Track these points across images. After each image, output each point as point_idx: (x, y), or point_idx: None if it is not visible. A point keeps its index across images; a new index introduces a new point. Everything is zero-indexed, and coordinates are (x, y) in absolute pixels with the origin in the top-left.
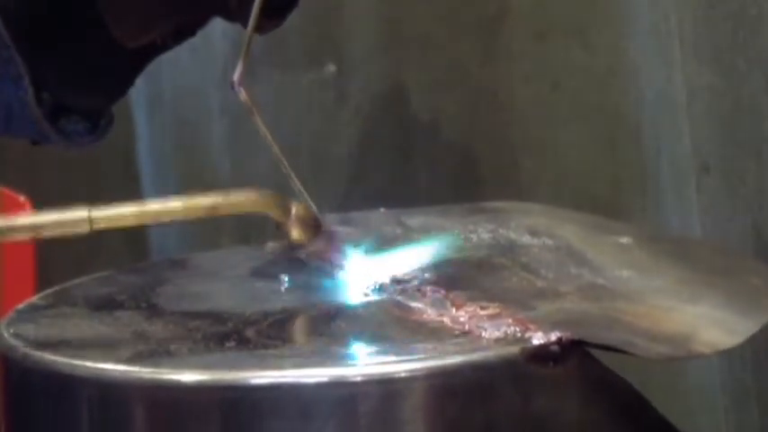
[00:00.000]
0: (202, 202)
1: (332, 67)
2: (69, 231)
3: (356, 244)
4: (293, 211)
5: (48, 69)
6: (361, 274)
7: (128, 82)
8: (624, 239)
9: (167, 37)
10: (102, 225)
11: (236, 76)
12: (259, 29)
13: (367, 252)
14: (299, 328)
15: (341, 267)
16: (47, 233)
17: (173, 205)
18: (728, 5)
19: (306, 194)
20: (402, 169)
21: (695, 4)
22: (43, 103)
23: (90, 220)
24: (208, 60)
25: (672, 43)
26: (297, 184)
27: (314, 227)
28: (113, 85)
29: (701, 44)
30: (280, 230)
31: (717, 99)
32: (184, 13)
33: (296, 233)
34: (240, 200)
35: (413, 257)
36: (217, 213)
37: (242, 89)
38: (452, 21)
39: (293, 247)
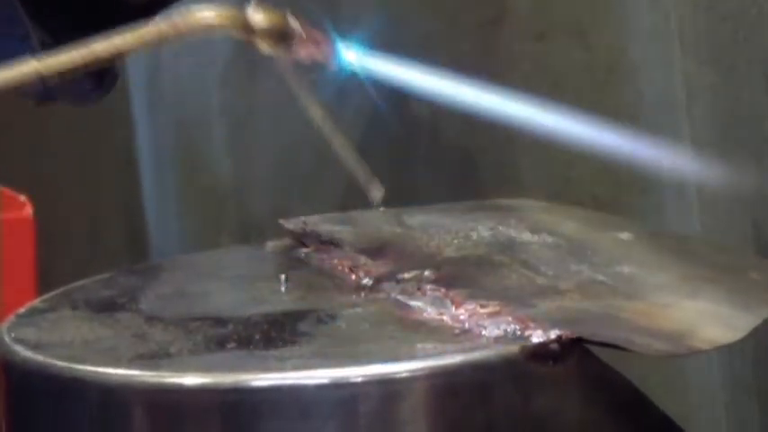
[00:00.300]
0: (150, 31)
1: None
2: (20, 83)
3: (362, 254)
4: (255, 22)
5: (53, 27)
6: (353, 53)
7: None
8: (624, 235)
9: None
10: (51, 70)
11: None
12: None
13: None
14: (299, 328)
15: (332, 61)
16: None
17: (118, 40)
18: (728, 5)
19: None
20: (402, 169)
21: (695, 4)
22: None
23: (38, 70)
24: (208, 61)
25: (672, 43)
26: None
27: (285, 35)
28: None
29: (701, 44)
30: (250, 45)
31: (717, 99)
32: None
33: (265, 46)
34: (190, 22)
35: (413, 256)
36: (169, 39)
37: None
38: (452, 21)
39: (292, 247)
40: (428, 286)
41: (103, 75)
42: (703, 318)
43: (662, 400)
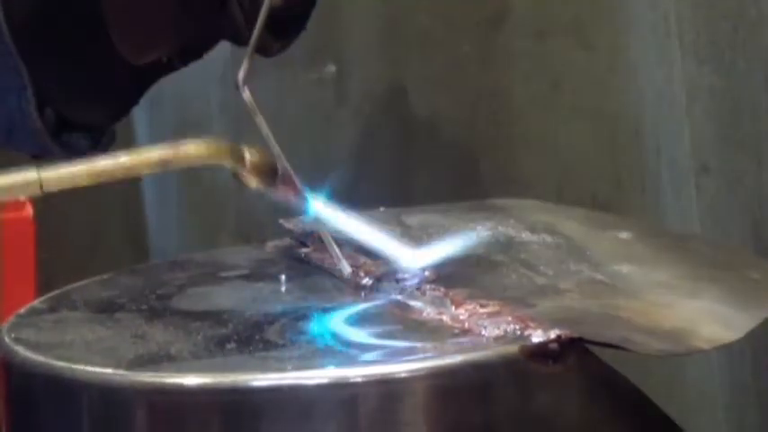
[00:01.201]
0: (152, 155)
1: (332, 67)
2: (20, 194)
3: (362, 253)
4: (247, 157)
5: (51, 82)
6: (320, 207)
7: (131, 100)
8: (624, 234)
9: (173, 56)
10: (53, 186)
11: (240, 76)
12: (266, 50)
13: (323, 196)
14: (299, 328)
15: (303, 208)
16: None
17: (122, 161)
18: (728, 5)
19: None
20: (402, 169)
21: (695, 5)
22: (46, 118)
23: (40, 182)
24: (208, 60)
25: (672, 43)
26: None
27: (271, 173)
28: (116, 103)
29: (701, 44)
30: (237, 178)
31: (717, 99)
32: (190, 33)
33: (253, 182)
34: (191, 151)
35: (413, 256)
36: (169, 167)
37: (246, 89)
38: (452, 21)
39: (292, 247)
40: (428, 286)
41: (101, 134)
42: (703, 317)
43: (662, 400)
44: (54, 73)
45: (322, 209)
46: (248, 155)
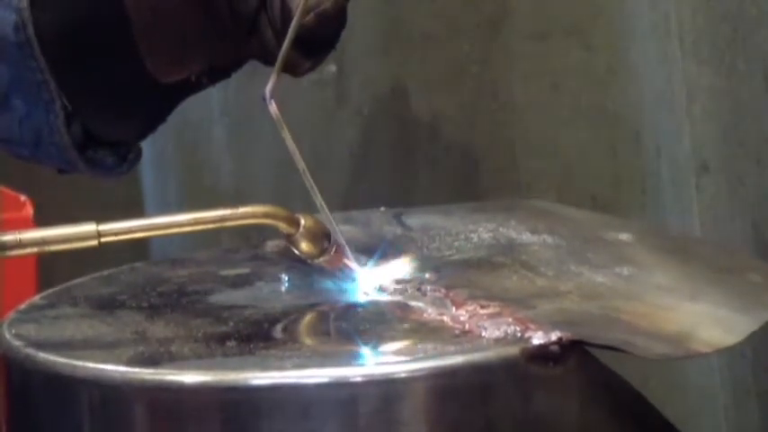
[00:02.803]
0: (210, 215)
1: (332, 67)
2: (77, 245)
3: (364, 254)
4: (302, 223)
5: (79, 97)
6: (368, 282)
7: (158, 117)
8: (624, 236)
9: (201, 75)
10: (110, 238)
11: (267, 90)
12: (295, 68)
13: (375, 261)
14: (299, 328)
15: (351, 278)
16: (54, 248)
17: (180, 219)
18: (728, 5)
19: (327, 211)
20: (402, 169)
21: (695, 5)
22: (72, 133)
23: (98, 234)
24: None
25: (672, 43)
26: (319, 198)
27: (323, 238)
28: (143, 119)
29: (701, 44)
30: (289, 243)
31: (717, 99)
32: (219, 52)
33: (305, 246)
34: (248, 213)
35: (413, 257)
36: (224, 226)
37: (273, 102)
38: (452, 21)
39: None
40: (428, 287)
41: (128, 152)
42: (704, 320)
43: (662, 402)
44: (82, 88)
45: (367, 280)
46: (303, 221)
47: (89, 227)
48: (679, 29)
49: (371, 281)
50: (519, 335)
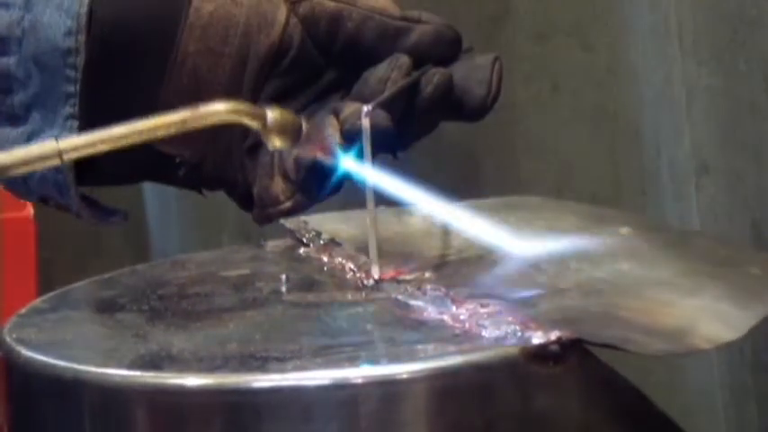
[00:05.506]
0: (172, 118)
1: None
2: (40, 166)
3: (363, 253)
4: (270, 116)
5: (94, 116)
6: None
7: (155, 175)
8: (624, 230)
9: (184, 163)
10: (73, 155)
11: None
12: (276, 201)
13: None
14: (299, 329)
15: (333, 159)
16: (16, 171)
17: (141, 126)
18: (728, 5)
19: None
20: (402, 169)
21: (695, 5)
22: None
23: (60, 152)
24: None
25: (672, 43)
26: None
27: (294, 128)
28: (142, 169)
29: (701, 44)
30: (259, 137)
31: (717, 99)
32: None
33: (276, 140)
34: (211, 112)
35: (413, 256)
36: (188, 128)
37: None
38: (452, 21)
39: (292, 247)
40: (429, 286)
41: (116, 209)
42: (704, 316)
43: (661, 401)
44: (100, 111)
45: (352, 165)
46: (271, 114)
47: (50, 145)
48: (679, 29)
49: (353, 163)
50: (519, 334)
